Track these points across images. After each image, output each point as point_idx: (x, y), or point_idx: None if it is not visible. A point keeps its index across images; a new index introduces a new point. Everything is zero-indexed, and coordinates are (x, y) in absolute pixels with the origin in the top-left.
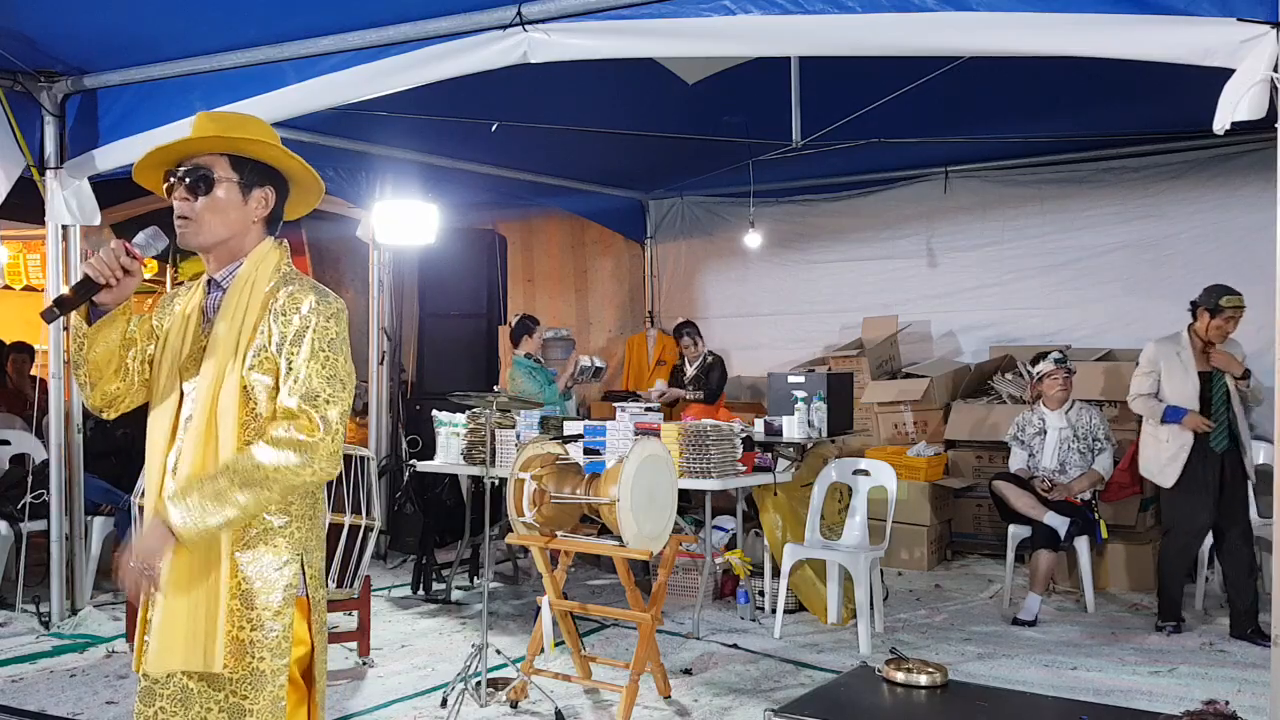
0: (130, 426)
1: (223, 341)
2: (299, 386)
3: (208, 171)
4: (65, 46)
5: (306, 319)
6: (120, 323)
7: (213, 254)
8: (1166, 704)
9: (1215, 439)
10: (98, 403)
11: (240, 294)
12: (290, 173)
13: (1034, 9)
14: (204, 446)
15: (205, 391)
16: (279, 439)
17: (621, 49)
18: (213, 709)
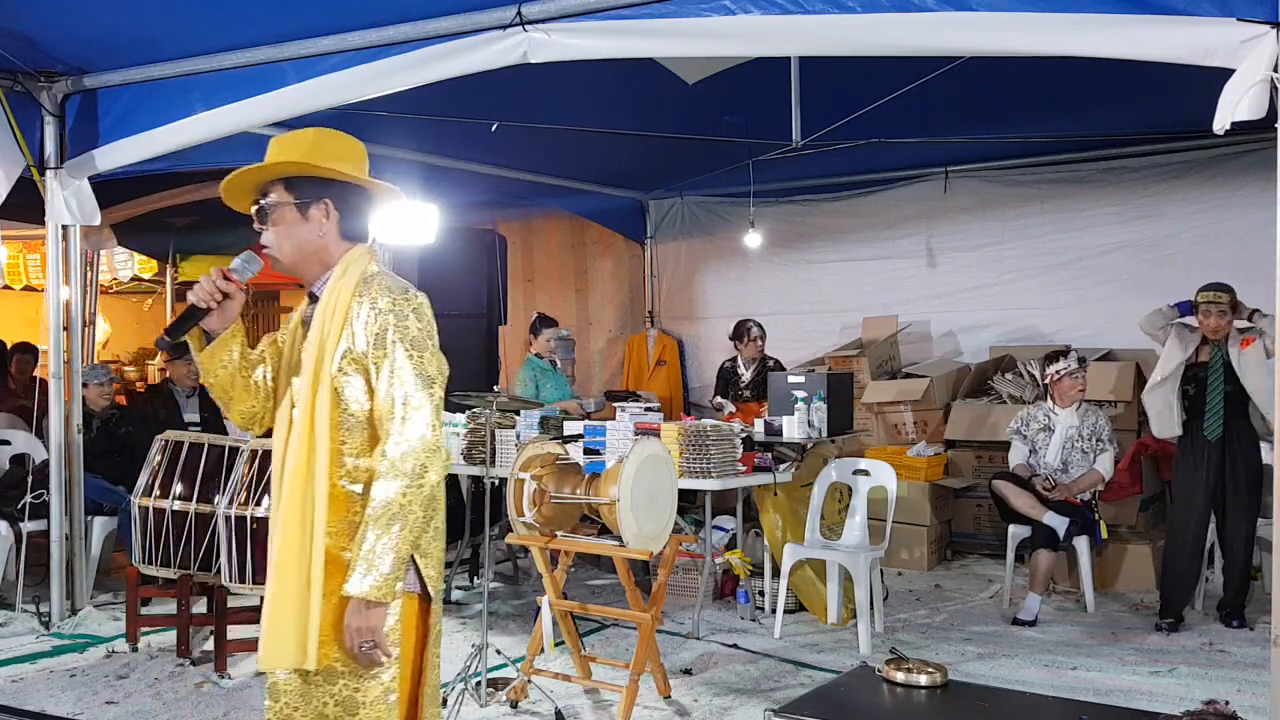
0: (133, 426)
1: (314, 348)
2: (390, 393)
3: (267, 201)
4: (65, 46)
5: (385, 319)
6: (232, 344)
7: (303, 270)
8: (1167, 704)
9: (1209, 427)
10: (239, 421)
11: (328, 302)
12: (344, 180)
13: (1034, 9)
14: (304, 448)
15: (304, 396)
16: (389, 468)
17: (621, 49)
18: (328, 702)
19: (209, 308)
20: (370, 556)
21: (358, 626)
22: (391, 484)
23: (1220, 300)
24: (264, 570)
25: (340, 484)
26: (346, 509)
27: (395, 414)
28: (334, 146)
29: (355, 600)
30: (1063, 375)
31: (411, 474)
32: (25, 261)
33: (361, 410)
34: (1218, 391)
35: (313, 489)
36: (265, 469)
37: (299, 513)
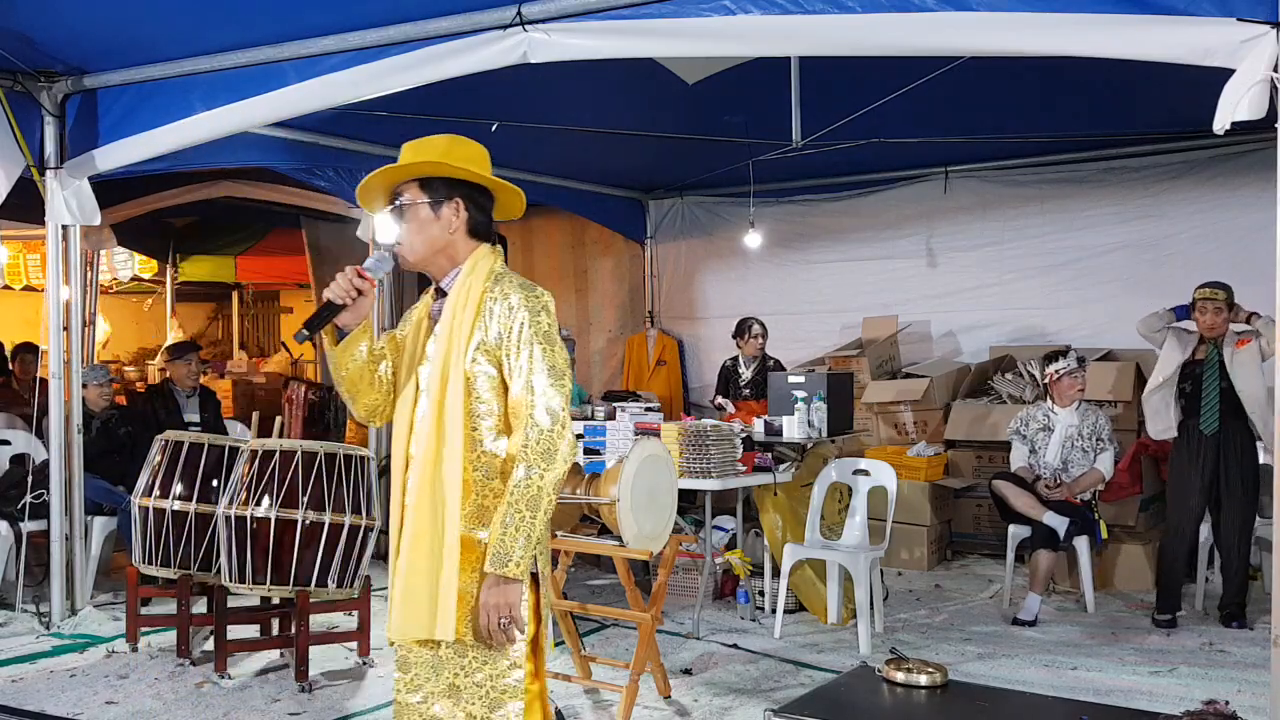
0: (133, 426)
1: (446, 341)
2: (525, 384)
3: (401, 200)
4: (65, 46)
5: (517, 314)
6: (362, 339)
7: (430, 266)
8: (1167, 704)
9: (1205, 422)
10: (362, 414)
11: (459, 297)
12: (474, 182)
13: (1034, 9)
14: (435, 437)
15: (435, 388)
16: (525, 454)
17: (621, 49)
18: (459, 674)
19: (344, 304)
20: (507, 536)
21: (495, 603)
22: (529, 470)
23: (1217, 298)
24: (264, 570)
25: (471, 470)
26: (477, 493)
27: (530, 404)
28: (464, 150)
29: (492, 577)
30: (1062, 375)
31: (546, 460)
32: (25, 261)
33: (492, 400)
34: (1213, 388)
35: (443, 473)
36: (265, 469)
37: (430, 495)
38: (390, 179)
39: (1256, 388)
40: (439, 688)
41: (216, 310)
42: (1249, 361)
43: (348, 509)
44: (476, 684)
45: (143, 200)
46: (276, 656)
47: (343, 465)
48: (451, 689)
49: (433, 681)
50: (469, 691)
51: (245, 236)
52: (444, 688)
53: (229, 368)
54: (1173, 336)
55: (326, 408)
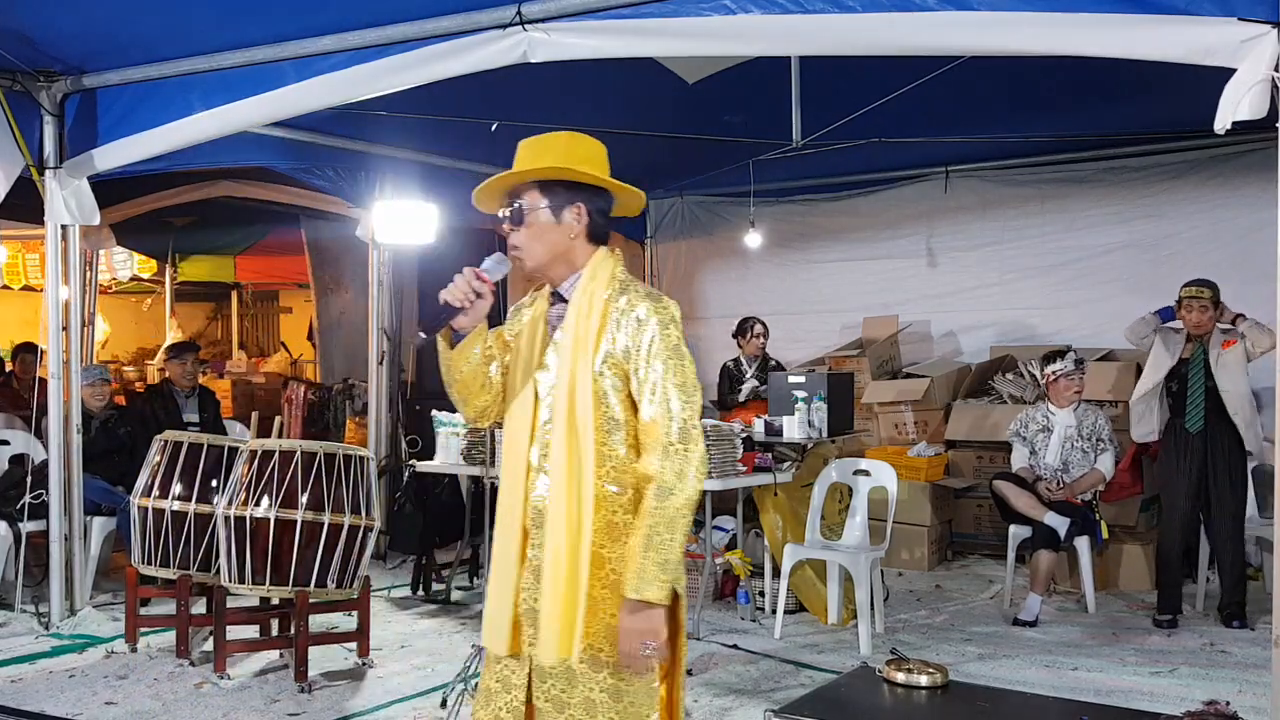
0: (132, 426)
1: (571, 348)
2: (657, 402)
3: (520, 204)
4: (65, 46)
5: (647, 326)
6: (477, 341)
7: (548, 272)
8: (1167, 704)
9: (1190, 420)
10: (472, 415)
11: (582, 303)
12: (597, 185)
13: (1034, 9)
14: (568, 448)
15: (563, 395)
16: (662, 476)
17: (621, 49)
18: (594, 689)
19: (462, 306)
20: (649, 561)
21: (639, 629)
22: (668, 490)
23: (1202, 296)
24: (263, 570)
25: (602, 485)
26: (607, 509)
27: (665, 424)
28: (585, 150)
29: (634, 603)
30: (1059, 376)
31: (683, 480)
32: (24, 261)
33: (620, 412)
34: (1198, 387)
35: (580, 489)
36: (265, 469)
37: (567, 511)
38: (510, 183)
39: (1241, 389)
40: (577, 699)
41: (216, 310)
42: (1233, 363)
43: (347, 509)
44: (613, 699)
45: (142, 200)
46: (276, 657)
47: (342, 465)
48: (588, 702)
49: (569, 693)
50: (605, 706)
51: (244, 236)
52: (581, 700)
53: (228, 368)
54: (1159, 341)
55: (326, 408)
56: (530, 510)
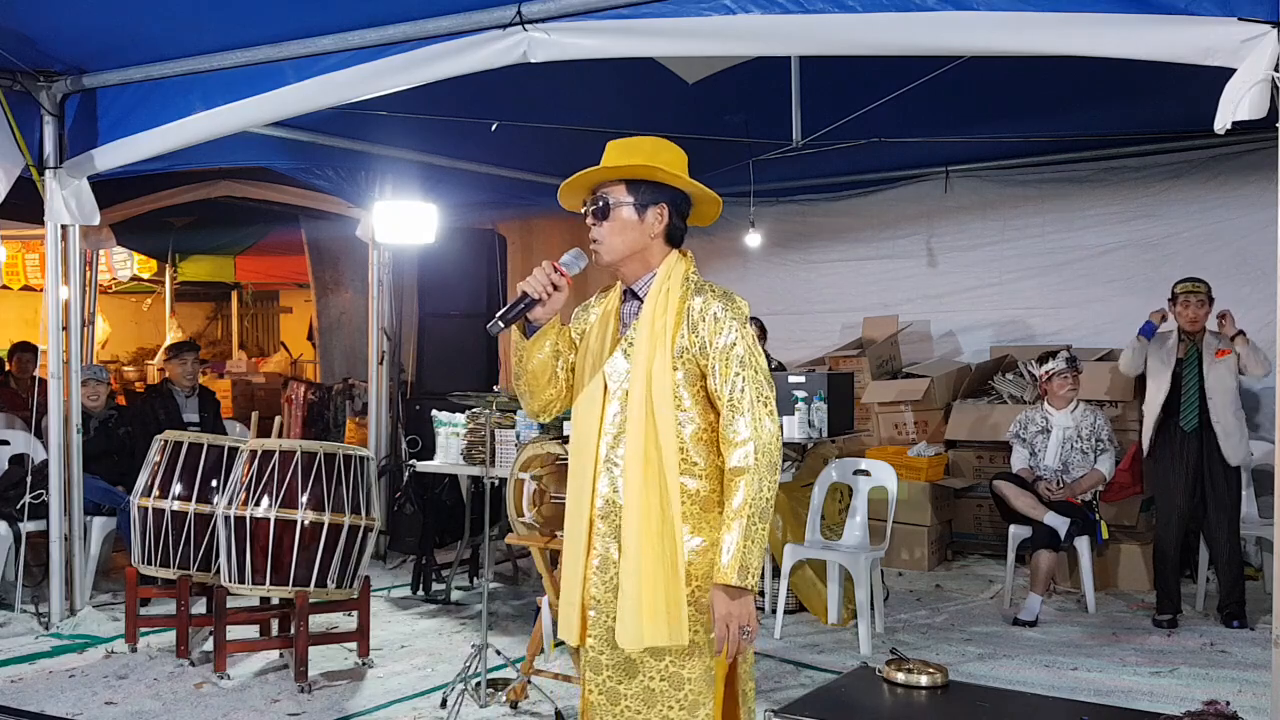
0: (132, 426)
1: (646, 344)
2: (739, 398)
3: (607, 198)
4: (65, 46)
5: (724, 323)
6: (550, 335)
7: (623, 268)
8: (1167, 704)
9: (1185, 419)
10: (536, 409)
11: (657, 300)
12: (683, 189)
13: (1034, 9)
14: (647, 441)
15: (637, 389)
16: (754, 468)
17: (621, 49)
18: (654, 677)
19: (539, 298)
20: (740, 547)
21: (737, 613)
22: (755, 481)
23: (1199, 290)
24: (263, 570)
25: (677, 477)
26: (685, 500)
27: (750, 419)
28: (670, 155)
29: (731, 589)
30: (1052, 375)
31: (772, 472)
32: (24, 261)
33: (694, 408)
34: (1193, 386)
35: (661, 478)
36: (265, 469)
37: (647, 501)
38: (597, 179)
39: (1227, 397)
40: (633, 690)
41: (216, 310)
42: (1225, 373)
43: (347, 509)
44: (674, 687)
45: (142, 200)
46: (276, 657)
47: (342, 465)
48: (647, 692)
49: (626, 684)
50: (665, 695)
51: (244, 236)
52: (639, 690)
53: (228, 367)
54: (1153, 357)
55: (326, 408)
56: (598, 502)
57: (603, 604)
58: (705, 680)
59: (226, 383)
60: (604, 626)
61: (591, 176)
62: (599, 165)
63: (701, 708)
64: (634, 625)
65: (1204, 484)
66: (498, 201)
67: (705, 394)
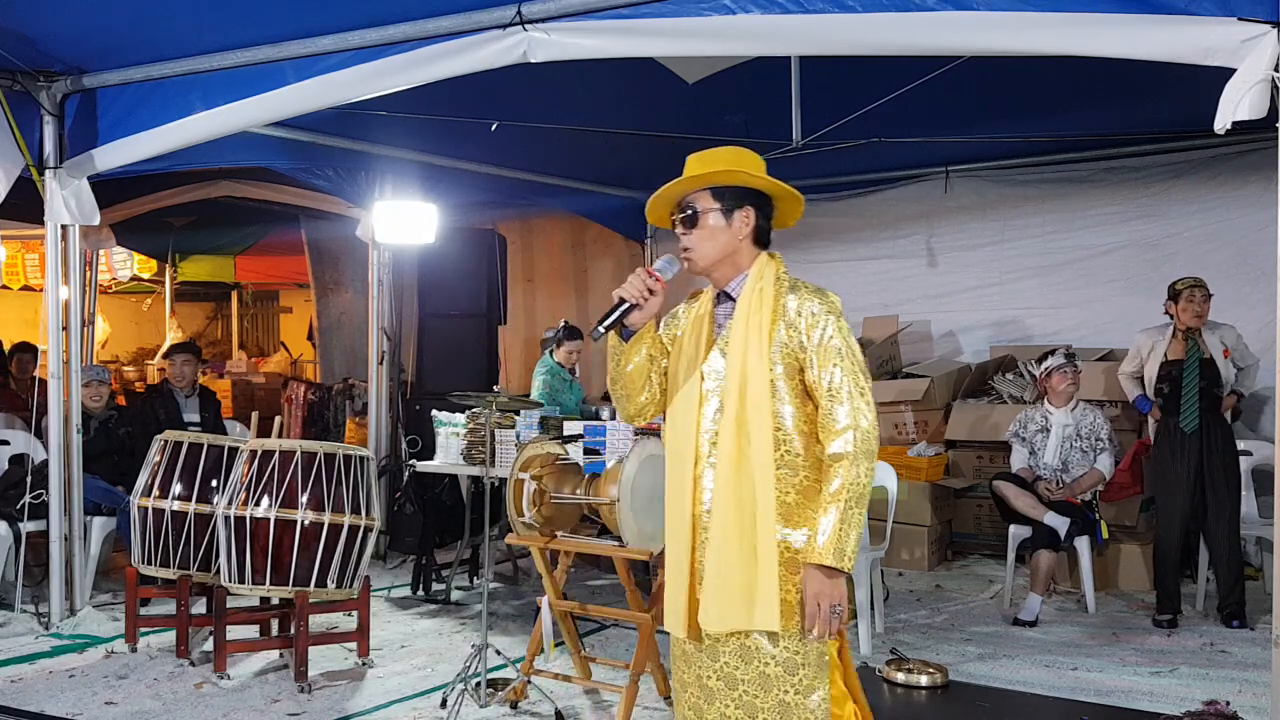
0: (132, 426)
1: (742, 344)
2: (837, 388)
3: (694, 206)
4: (65, 46)
5: (819, 318)
6: (647, 338)
7: (714, 272)
8: (1167, 704)
9: (1185, 420)
10: (632, 412)
11: (751, 301)
12: (766, 190)
13: (1034, 9)
14: (739, 438)
15: (734, 386)
16: (852, 455)
17: (621, 49)
18: (769, 663)
19: (636, 303)
20: (843, 532)
21: (828, 593)
22: (853, 467)
23: (1202, 284)
24: (263, 570)
25: (776, 468)
26: (781, 491)
27: (844, 404)
28: (749, 161)
29: (825, 570)
30: (1051, 371)
31: (869, 459)
32: (24, 261)
33: (792, 400)
34: (1193, 386)
35: (753, 473)
36: (265, 469)
37: (736, 494)
38: (681, 191)
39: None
40: (750, 675)
41: (216, 310)
42: (1226, 366)
43: (347, 509)
44: (788, 672)
45: (142, 200)
46: (276, 657)
47: (342, 465)
48: (762, 677)
49: (743, 670)
50: (780, 680)
51: (244, 236)
52: (755, 675)
53: (228, 368)
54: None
55: (326, 408)
56: (700, 499)
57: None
58: (819, 665)
59: (226, 383)
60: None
61: (676, 189)
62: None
63: (816, 692)
64: (717, 608)
65: (1204, 484)
66: (498, 201)
67: (804, 387)
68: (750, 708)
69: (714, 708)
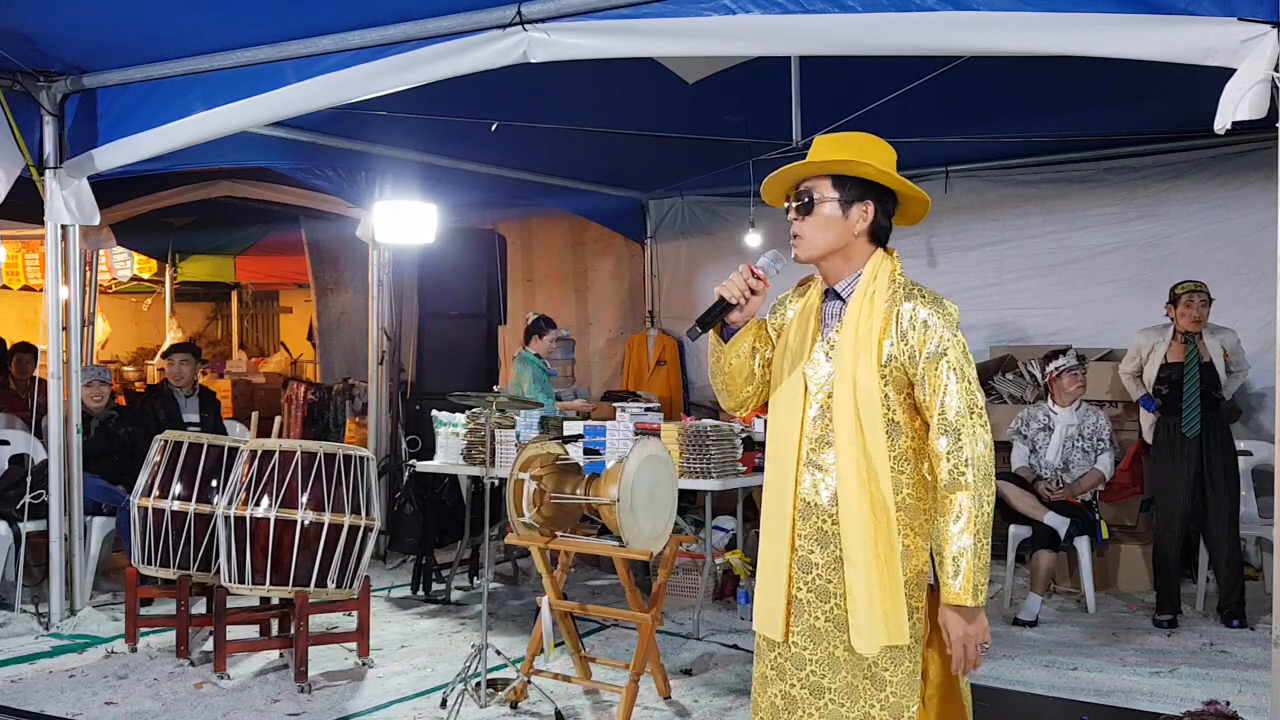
0: (132, 426)
1: (851, 349)
2: (949, 410)
3: (811, 193)
4: (65, 46)
5: (934, 331)
6: (748, 337)
7: (824, 264)
8: (1167, 704)
9: (1187, 425)
10: (733, 405)
11: (863, 303)
12: (892, 187)
13: (1034, 9)
14: (856, 450)
15: (843, 393)
16: (972, 482)
17: (621, 49)
18: (857, 675)
19: (736, 303)
20: (976, 568)
21: (975, 634)
22: (975, 495)
23: (1202, 290)
24: (263, 570)
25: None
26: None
27: (967, 430)
28: (880, 151)
29: (966, 610)
30: (1061, 372)
31: (986, 484)
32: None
33: (901, 414)
34: (1193, 390)
35: (875, 485)
36: (265, 469)
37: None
38: (801, 174)
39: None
40: (838, 684)
41: (216, 310)
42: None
43: (347, 509)
44: (877, 687)
45: (142, 200)
46: (276, 657)
47: (342, 465)
48: (850, 688)
49: (830, 678)
50: (868, 693)
51: (245, 236)
52: (843, 685)
53: (228, 368)
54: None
55: (326, 408)
56: (799, 502)
57: (805, 603)
58: (909, 684)
59: (226, 383)
60: (807, 624)
61: (797, 171)
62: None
63: (905, 711)
64: (869, 629)
65: (1204, 484)
66: (498, 201)
67: (913, 403)
68: (834, 717)
69: (795, 716)
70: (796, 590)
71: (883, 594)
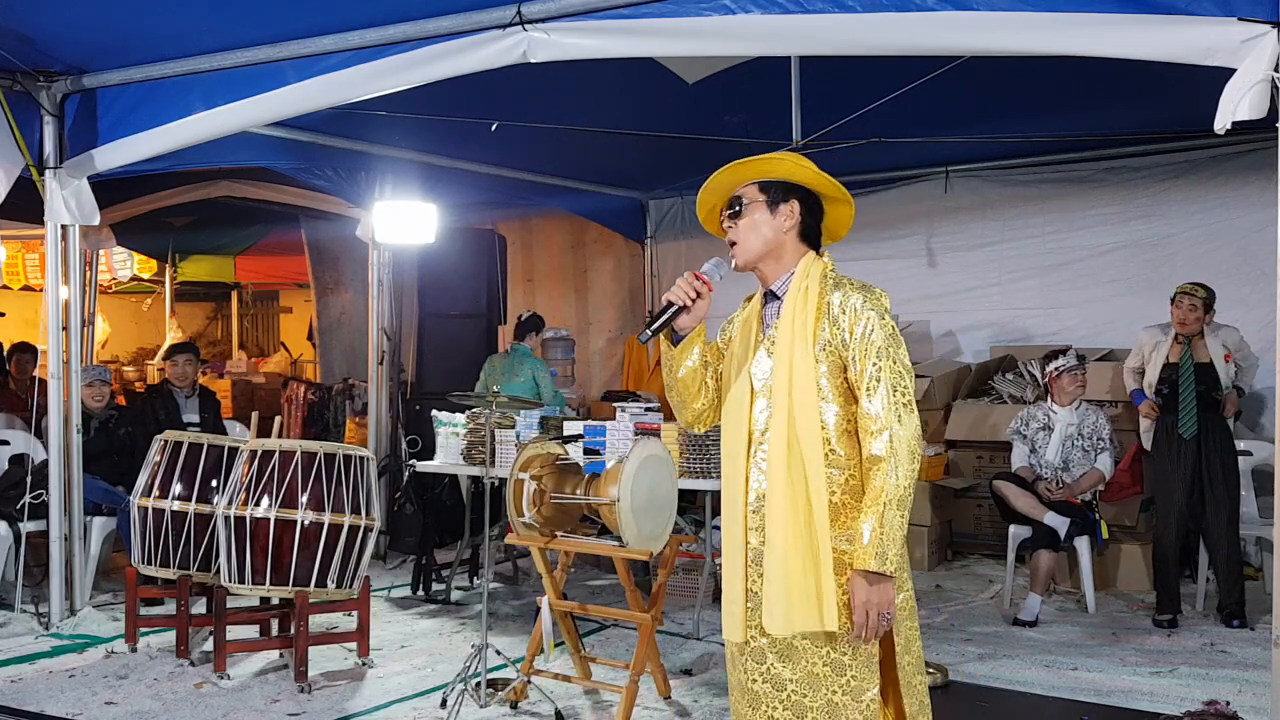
0: (132, 426)
1: (788, 342)
2: (878, 389)
3: (740, 199)
4: (65, 46)
5: (862, 314)
6: (697, 341)
7: (761, 268)
8: (1167, 704)
9: (1184, 425)
10: (689, 419)
11: (796, 299)
12: (810, 184)
13: (1034, 9)
14: (788, 431)
15: (781, 384)
16: (893, 458)
17: (621, 49)
18: (817, 663)
19: (684, 306)
20: (885, 536)
21: (875, 600)
22: (896, 470)
23: (1195, 293)
24: (263, 570)
25: (824, 467)
26: (828, 491)
27: (888, 405)
28: (803, 162)
29: (870, 575)
30: (1062, 372)
31: (912, 461)
32: (24, 261)
33: (835, 398)
34: (1189, 391)
35: (803, 469)
36: (265, 469)
37: (792, 490)
38: (731, 182)
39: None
40: (798, 675)
41: (216, 310)
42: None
43: (347, 509)
44: (836, 672)
45: (142, 200)
46: (276, 657)
47: (342, 465)
48: (811, 677)
49: (791, 669)
50: (829, 680)
51: (245, 236)
52: (803, 675)
53: (228, 368)
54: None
55: (326, 408)
56: (750, 498)
57: (760, 596)
58: (868, 667)
59: (226, 383)
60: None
61: (726, 178)
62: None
63: (866, 693)
64: (782, 611)
65: (1202, 484)
66: (498, 201)
67: (847, 386)
68: (799, 708)
69: (760, 712)
70: (751, 584)
71: (803, 578)
